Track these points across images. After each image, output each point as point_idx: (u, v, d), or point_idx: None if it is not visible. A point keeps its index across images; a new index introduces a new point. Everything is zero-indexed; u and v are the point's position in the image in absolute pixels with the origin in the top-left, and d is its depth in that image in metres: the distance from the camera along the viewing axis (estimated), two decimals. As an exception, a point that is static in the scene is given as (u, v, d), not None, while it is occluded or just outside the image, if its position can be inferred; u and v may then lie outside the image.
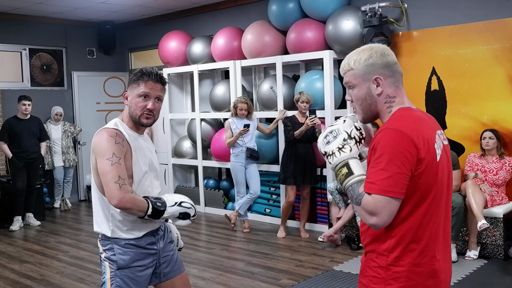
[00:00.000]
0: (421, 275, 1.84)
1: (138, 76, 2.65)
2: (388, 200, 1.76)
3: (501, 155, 5.51)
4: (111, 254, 2.65)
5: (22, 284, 5.12)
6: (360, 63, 1.93)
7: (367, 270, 1.93)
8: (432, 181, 1.83)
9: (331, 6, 6.57)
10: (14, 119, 7.61)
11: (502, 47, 5.63)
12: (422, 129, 1.85)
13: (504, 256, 5.25)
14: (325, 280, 4.94)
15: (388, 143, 1.80)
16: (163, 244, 2.79)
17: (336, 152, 1.90)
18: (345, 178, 1.87)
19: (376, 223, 1.79)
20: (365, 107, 1.96)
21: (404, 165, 1.76)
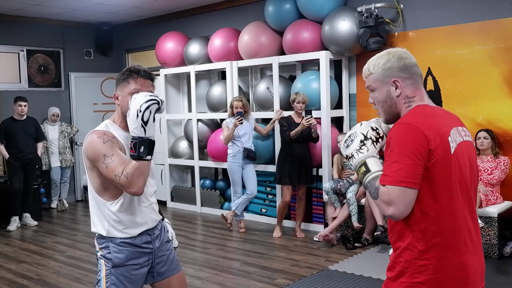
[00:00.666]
0: (448, 268, 1.87)
1: (127, 75, 2.64)
2: (402, 190, 1.81)
3: (496, 155, 5.52)
4: (106, 252, 2.66)
5: (19, 284, 5.12)
6: (378, 68, 2.03)
7: (395, 265, 1.96)
8: (448, 173, 1.87)
9: (327, 6, 6.58)
10: (10, 120, 7.61)
11: (497, 47, 5.64)
12: (434, 123, 1.90)
13: (498, 255, 5.25)
14: (320, 279, 4.93)
15: (399, 136, 1.87)
16: (159, 243, 2.78)
17: (355, 153, 2.00)
18: (364, 175, 1.96)
19: (393, 213, 1.84)
20: (386, 108, 2.05)
21: (415, 155, 1.82)
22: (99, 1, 7.82)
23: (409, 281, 1.89)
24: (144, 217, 2.70)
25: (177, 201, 8.52)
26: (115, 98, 2.68)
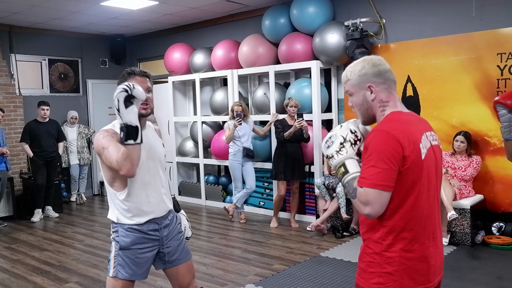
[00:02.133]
0: (412, 260, 1.86)
1: (126, 76, 2.69)
2: (378, 192, 1.79)
3: (470, 155, 5.54)
4: (115, 236, 2.70)
5: (42, 269, 5.12)
6: (355, 74, 1.99)
7: (365, 256, 1.95)
8: (417, 177, 1.85)
9: (317, 21, 6.58)
10: (34, 122, 7.59)
11: (468, 57, 5.65)
12: (408, 130, 1.88)
13: (471, 242, 5.27)
14: (312, 265, 4.94)
15: (377, 143, 1.84)
16: (167, 232, 2.77)
17: (335, 155, 1.96)
18: (343, 176, 1.93)
19: (369, 213, 1.83)
20: (363, 111, 2.01)
21: (391, 161, 1.80)
22: (113, 15, 7.83)
23: (378, 271, 1.89)
24: (151, 206, 2.70)
25: (184, 195, 8.51)
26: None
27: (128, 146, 2.36)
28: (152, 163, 2.71)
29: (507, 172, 5.43)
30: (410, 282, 1.86)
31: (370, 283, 1.90)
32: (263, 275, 4.69)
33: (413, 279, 1.87)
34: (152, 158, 2.72)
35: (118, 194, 2.65)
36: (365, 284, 1.92)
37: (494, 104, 2.78)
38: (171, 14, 7.81)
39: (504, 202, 5.50)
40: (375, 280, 1.89)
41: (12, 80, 8.44)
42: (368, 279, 1.91)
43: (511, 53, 5.33)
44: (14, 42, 8.49)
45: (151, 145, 2.74)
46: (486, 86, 5.53)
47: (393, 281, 1.86)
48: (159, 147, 2.82)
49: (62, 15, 7.69)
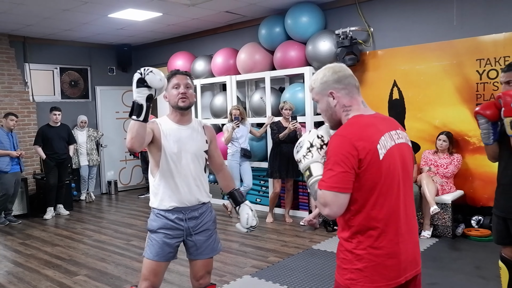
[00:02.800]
0: (380, 256, 1.84)
1: (169, 76, 2.80)
2: (334, 194, 1.78)
3: (451, 153, 5.57)
4: (148, 219, 2.85)
5: (53, 263, 5.14)
6: (317, 82, 1.98)
7: (339, 253, 1.96)
8: (377, 177, 1.82)
9: (310, 30, 6.62)
10: (46, 126, 7.64)
11: (450, 63, 5.69)
12: (365, 133, 1.84)
13: (452, 235, 5.31)
14: (305, 257, 4.97)
15: (334, 147, 1.82)
16: (193, 224, 2.79)
17: (302, 159, 1.94)
18: (307, 179, 1.91)
19: (328, 214, 1.82)
20: (329, 116, 2.00)
21: (346, 164, 1.78)
22: (120, 26, 7.86)
23: (350, 267, 1.88)
24: (179, 194, 2.74)
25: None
26: (164, 97, 2.82)
27: (132, 120, 2.44)
28: (184, 154, 2.75)
29: (485, 169, 5.45)
30: (380, 278, 1.84)
31: (343, 279, 1.90)
32: (259, 266, 4.72)
33: (383, 275, 1.85)
34: (185, 150, 2.75)
35: (152, 179, 2.78)
36: (340, 279, 1.93)
37: (475, 114, 2.90)
38: (174, 24, 7.85)
39: (483, 197, 5.54)
40: (347, 276, 1.89)
41: (26, 88, 8.48)
42: (342, 275, 1.91)
43: (489, 59, 5.38)
44: (28, 52, 8.54)
45: (188, 139, 2.78)
46: (466, 89, 5.57)
47: (364, 277, 1.85)
48: (198, 141, 2.83)
49: (72, 26, 7.73)
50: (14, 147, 7.18)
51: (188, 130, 2.81)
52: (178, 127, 2.79)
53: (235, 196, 2.98)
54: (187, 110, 2.81)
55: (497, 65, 5.32)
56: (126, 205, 8.42)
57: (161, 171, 2.73)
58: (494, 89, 5.35)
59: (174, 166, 2.73)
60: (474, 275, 4.23)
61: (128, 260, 5.13)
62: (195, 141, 2.82)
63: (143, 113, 2.41)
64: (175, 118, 2.81)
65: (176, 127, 2.78)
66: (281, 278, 4.34)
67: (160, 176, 2.74)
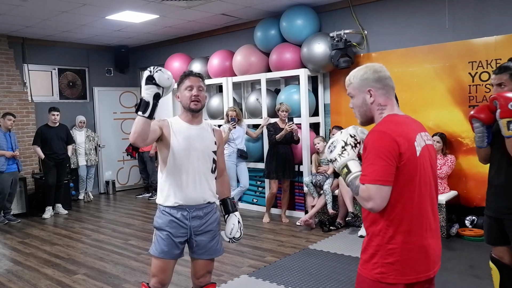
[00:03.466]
0: (412, 251, 1.86)
1: (182, 77, 2.82)
2: (378, 187, 1.79)
3: (445, 154, 5.55)
4: (155, 216, 2.82)
5: (52, 262, 5.09)
6: (357, 78, 2.01)
7: (368, 248, 1.95)
8: (413, 172, 1.86)
9: (305, 32, 6.58)
10: (45, 126, 7.56)
11: (442, 66, 5.67)
12: (403, 130, 1.88)
13: (446, 235, 5.29)
14: (302, 256, 4.94)
15: (374, 142, 1.84)
16: (197, 224, 2.76)
17: (338, 157, 1.96)
18: (346, 176, 1.92)
19: (372, 207, 1.82)
20: (362, 112, 2.02)
21: (389, 158, 1.80)
22: (117, 28, 7.80)
23: (381, 261, 1.89)
24: (184, 191, 2.71)
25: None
26: (176, 97, 2.83)
27: (138, 116, 2.44)
28: (193, 152, 2.73)
29: (478, 170, 5.43)
30: (410, 271, 1.87)
31: (373, 273, 1.90)
32: (256, 266, 4.68)
33: (413, 268, 1.87)
34: (194, 147, 2.74)
35: (161, 176, 2.76)
36: (368, 274, 1.92)
37: (470, 118, 2.89)
38: (170, 26, 7.80)
39: (476, 198, 5.52)
40: (377, 270, 1.89)
41: (25, 88, 8.40)
42: (371, 270, 1.91)
43: (481, 62, 5.36)
44: (26, 53, 8.46)
45: (197, 137, 2.77)
46: (458, 92, 5.55)
47: (395, 270, 1.86)
48: (207, 141, 2.81)
49: (70, 28, 7.66)
50: (12, 147, 7.10)
51: (198, 130, 2.81)
52: (189, 126, 2.79)
53: (227, 204, 2.97)
54: (199, 112, 2.80)
55: (489, 67, 5.30)
56: (124, 205, 8.35)
57: (169, 167, 2.72)
58: (486, 91, 5.34)
59: (182, 162, 2.72)
60: (468, 274, 4.21)
61: (126, 259, 5.07)
62: (204, 140, 2.81)
63: (149, 109, 2.42)
64: (186, 118, 2.80)
65: (186, 125, 2.79)
66: (278, 278, 4.31)
67: (168, 173, 2.72)
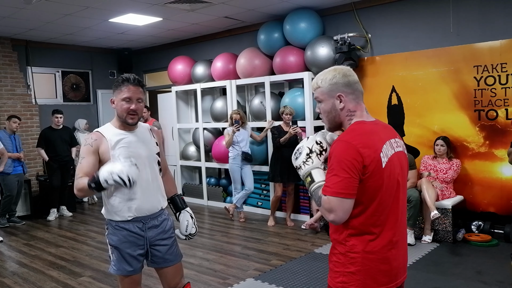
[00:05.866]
0: (374, 261, 1.80)
1: (120, 83, 2.57)
2: (340, 200, 1.72)
3: (450, 158, 5.50)
4: (107, 233, 2.63)
5: (58, 264, 5.07)
6: (326, 82, 1.89)
7: (332, 256, 1.90)
8: (379, 184, 1.78)
9: (309, 35, 6.55)
10: (48, 129, 7.52)
11: (447, 70, 5.63)
12: (369, 140, 1.79)
13: (452, 240, 5.24)
14: (307, 260, 4.90)
15: (338, 153, 1.76)
16: (153, 234, 2.63)
17: (302, 165, 1.87)
18: (309, 185, 1.85)
19: (333, 219, 1.76)
20: (331, 118, 1.92)
21: (352, 170, 1.72)
22: (121, 31, 7.78)
23: (342, 270, 1.83)
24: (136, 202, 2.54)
25: (187, 196, 8.41)
26: (111, 102, 2.62)
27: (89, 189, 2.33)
28: (138, 161, 2.45)
29: (484, 175, 5.42)
30: (372, 282, 1.81)
31: (335, 282, 1.85)
32: (261, 269, 4.65)
33: (375, 280, 1.81)
34: (138, 156, 2.53)
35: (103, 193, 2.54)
36: (331, 282, 1.88)
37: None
38: (174, 29, 7.77)
39: (482, 202, 5.49)
40: (339, 279, 1.84)
41: (29, 91, 8.37)
42: (334, 278, 1.86)
43: (486, 66, 5.33)
44: (30, 55, 8.43)
45: (138, 143, 2.60)
46: (464, 96, 5.51)
47: (356, 281, 1.80)
48: (148, 144, 2.65)
49: (74, 31, 7.64)
50: (16, 149, 7.09)
51: (136, 135, 2.63)
52: (125, 134, 2.59)
53: (176, 202, 2.83)
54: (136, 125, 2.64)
55: (494, 71, 5.27)
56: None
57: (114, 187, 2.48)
58: (492, 96, 5.30)
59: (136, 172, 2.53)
60: (475, 280, 4.16)
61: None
62: (146, 144, 2.64)
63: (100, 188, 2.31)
64: (121, 126, 2.61)
65: (123, 133, 2.59)
66: (284, 281, 4.27)
67: (114, 187, 2.45)
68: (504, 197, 5.33)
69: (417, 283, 4.08)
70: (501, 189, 5.34)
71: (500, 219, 5.36)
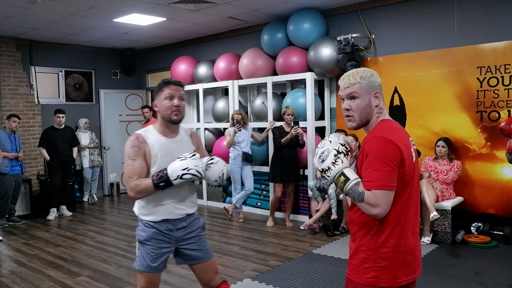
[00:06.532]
0: (402, 253, 1.88)
1: (162, 85, 2.67)
2: (385, 193, 1.79)
3: (451, 159, 5.50)
4: (136, 229, 2.75)
5: (56, 264, 5.09)
6: (365, 79, 1.95)
7: (358, 253, 1.93)
8: (410, 177, 1.88)
9: (312, 36, 6.57)
10: (50, 128, 7.58)
11: (450, 71, 5.63)
12: (401, 136, 1.90)
13: (451, 241, 5.23)
14: (305, 261, 4.90)
15: (377, 148, 1.83)
16: (181, 234, 2.73)
17: (331, 166, 1.93)
18: (344, 184, 1.89)
19: (378, 213, 1.81)
20: (363, 115, 1.97)
21: (392, 163, 1.80)
22: (124, 31, 7.83)
23: (373, 265, 1.88)
24: (166, 208, 2.67)
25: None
26: (154, 106, 2.69)
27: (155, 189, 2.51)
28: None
29: (485, 176, 5.41)
30: (401, 274, 1.88)
31: (366, 278, 1.89)
32: (259, 270, 4.66)
33: (403, 271, 1.89)
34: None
35: None
36: (360, 279, 1.91)
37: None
38: (177, 29, 7.82)
39: (482, 204, 5.48)
40: (370, 274, 1.88)
41: (32, 90, 8.44)
42: (362, 274, 1.90)
43: (490, 67, 5.32)
44: (33, 55, 8.50)
45: (177, 152, 2.65)
46: (466, 97, 5.51)
47: (387, 274, 1.87)
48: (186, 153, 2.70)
49: (77, 30, 7.70)
50: (16, 149, 7.12)
51: (176, 143, 2.71)
52: (167, 141, 2.68)
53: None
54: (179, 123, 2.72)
55: (498, 73, 5.26)
56: (128, 207, 8.34)
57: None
58: (495, 97, 5.29)
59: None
60: (473, 281, 4.16)
61: (130, 262, 5.05)
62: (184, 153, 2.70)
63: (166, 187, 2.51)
64: (163, 131, 2.69)
65: (164, 140, 2.67)
66: (282, 282, 4.28)
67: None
68: (504, 198, 5.32)
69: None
70: (501, 190, 5.33)
71: (499, 220, 5.35)
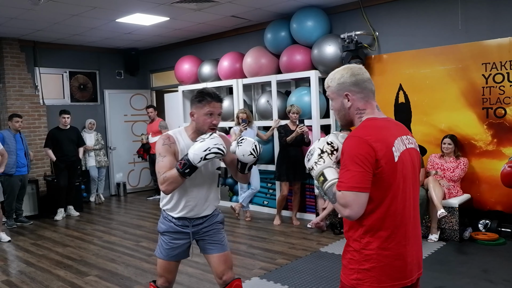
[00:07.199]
0: (388, 257, 1.84)
1: (202, 98, 2.72)
2: (355, 194, 1.75)
3: (457, 156, 5.50)
4: (159, 220, 2.97)
5: (64, 263, 5.13)
6: (334, 81, 1.97)
7: (346, 253, 1.94)
8: (391, 178, 1.81)
9: (315, 34, 6.58)
10: (56, 129, 7.62)
11: (455, 67, 5.63)
12: (380, 135, 1.84)
13: (459, 238, 5.25)
14: (313, 259, 4.93)
15: (350, 148, 1.80)
16: (197, 229, 2.87)
17: (314, 166, 1.92)
18: (322, 184, 1.88)
19: (349, 215, 1.79)
20: (341, 116, 2.00)
21: (365, 164, 1.76)
22: (127, 31, 7.85)
23: (357, 267, 1.87)
24: (186, 208, 2.82)
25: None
26: (191, 115, 2.78)
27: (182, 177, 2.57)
28: (198, 174, 2.73)
29: (492, 173, 5.41)
30: (386, 278, 1.84)
31: (349, 279, 1.88)
32: (267, 268, 4.69)
33: (390, 276, 1.84)
34: (199, 170, 2.69)
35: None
36: (345, 280, 1.91)
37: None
38: (180, 29, 7.83)
39: (489, 201, 5.49)
40: (354, 276, 1.87)
41: (37, 91, 8.48)
42: (348, 275, 1.89)
43: (495, 63, 5.32)
44: (38, 56, 8.55)
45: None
46: (472, 93, 5.51)
47: (371, 277, 1.84)
48: (213, 160, 2.74)
49: (81, 31, 7.72)
50: (24, 148, 7.15)
51: None
52: (190, 144, 2.72)
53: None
54: None
55: (503, 69, 5.26)
56: (135, 207, 8.39)
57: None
58: (500, 93, 5.30)
59: (189, 184, 2.77)
60: (481, 278, 4.18)
61: (138, 261, 5.10)
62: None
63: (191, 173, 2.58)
64: (194, 137, 2.76)
65: (189, 144, 2.74)
66: (290, 280, 4.31)
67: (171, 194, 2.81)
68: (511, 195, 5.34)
69: (422, 282, 4.05)
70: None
71: (507, 217, 5.35)
